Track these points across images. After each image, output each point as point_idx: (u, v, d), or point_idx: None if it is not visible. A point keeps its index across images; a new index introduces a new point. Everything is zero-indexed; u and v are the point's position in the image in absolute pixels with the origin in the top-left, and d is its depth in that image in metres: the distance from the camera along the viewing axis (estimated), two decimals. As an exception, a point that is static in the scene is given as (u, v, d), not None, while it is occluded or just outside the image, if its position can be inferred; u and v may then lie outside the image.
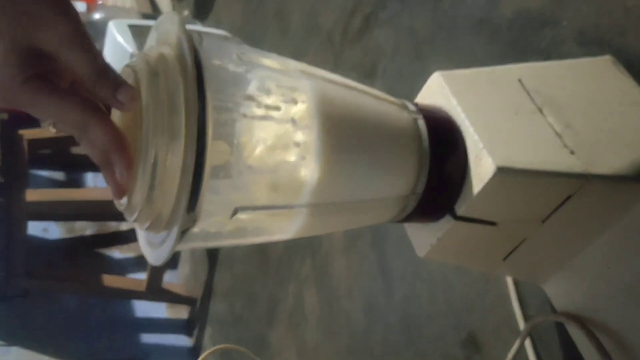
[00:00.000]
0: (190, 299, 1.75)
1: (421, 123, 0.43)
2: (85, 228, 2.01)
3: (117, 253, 1.97)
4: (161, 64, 0.35)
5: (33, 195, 1.54)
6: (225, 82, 0.36)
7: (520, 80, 0.46)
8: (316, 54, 1.09)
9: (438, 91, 0.45)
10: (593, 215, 0.45)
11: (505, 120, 0.43)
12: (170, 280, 1.84)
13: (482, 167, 0.40)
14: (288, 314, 1.14)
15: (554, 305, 0.53)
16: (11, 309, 1.66)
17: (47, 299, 1.74)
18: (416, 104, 0.45)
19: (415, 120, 0.43)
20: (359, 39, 0.95)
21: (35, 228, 1.83)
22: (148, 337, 1.80)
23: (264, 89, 0.36)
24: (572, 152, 0.42)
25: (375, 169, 0.41)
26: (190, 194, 0.33)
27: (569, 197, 0.42)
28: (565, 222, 0.45)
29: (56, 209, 1.69)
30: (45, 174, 2.07)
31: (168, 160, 0.34)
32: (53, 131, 0.39)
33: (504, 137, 0.42)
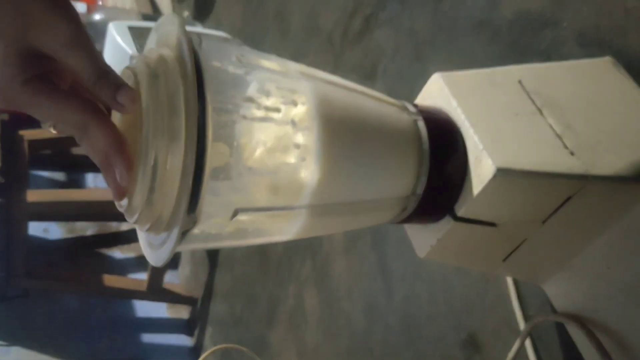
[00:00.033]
0: (191, 299, 1.75)
1: (421, 124, 0.43)
2: (86, 228, 2.01)
3: (118, 253, 1.97)
4: (161, 66, 0.35)
5: (34, 195, 1.54)
6: (225, 83, 0.36)
7: (520, 82, 0.46)
8: (316, 55, 1.09)
9: (438, 92, 0.45)
10: (593, 216, 0.45)
11: (505, 122, 0.43)
12: (171, 280, 1.84)
13: (482, 168, 0.40)
14: (288, 314, 1.15)
15: (554, 305, 0.53)
16: (12, 309, 1.66)
17: (48, 299, 1.74)
18: (416, 105, 0.45)
19: (415, 122, 0.43)
20: (359, 40, 0.95)
21: (36, 228, 1.84)
22: (149, 337, 1.80)
23: (263, 91, 0.37)
24: (572, 153, 0.42)
25: (375, 170, 0.41)
26: (190, 196, 0.33)
27: (569, 198, 0.42)
28: (565, 223, 0.45)
29: (57, 209, 1.70)
30: (45, 174, 2.07)
31: (168, 162, 0.34)
32: (54, 132, 0.39)
33: (504, 139, 0.42)
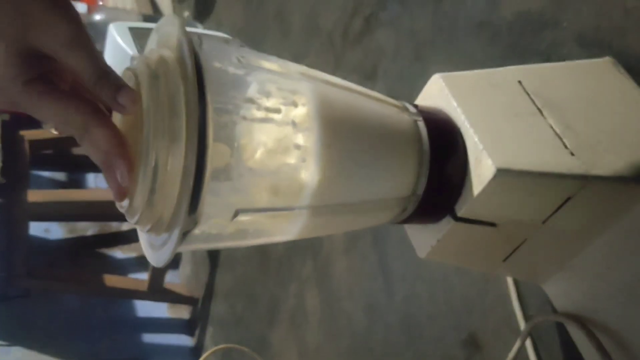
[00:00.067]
0: (191, 299, 1.76)
1: (421, 125, 0.43)
2: (86, 228, 2.01)
3: (119, 253, 1.97)
4: (162, 67, 0.35)
5: (34, 195, 1.54)
6: (225, 84, 0.36)
7: (520, 82, 0.46)
8: (317, 56, 1.09)
9: (438, 93, 0.45)
10: (593, 216, 0.45)
11: (505, 122, 0.43)
12: (172, 280, 1.84)
13: (482, 168, 0.40)
14: (289, 314, 1.15)
15: (554, 305, 0.53)
16: (12, 309, 1.66)
17: (49, 299, 1.74)
18: (416, 106, 0.45)
19: (416, 122, 0.43)
20: (360, 40, 0.95)
21: (36, 228, 1.84)
22: (150, 337, 1.80)
23: (264, 92, 0.37)
24: (572, 154, 0.42)
25: (376, 171, 0.41)
26: (191, 197, 0.33)
27: (569, 198, 0.42)
28: (565, 223, 0.45)
29: (58, 209, 1.70)
30: (46, 174, 2.07)
31: (169, 163, 0.34)
32: (55, 133, 0.39)
33: (504, 139, 0.42)
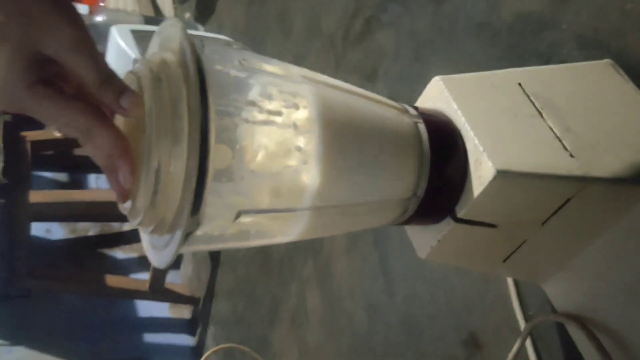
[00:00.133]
0: (192, 298, 1.76)
1: (422, 127, 0.43)
2: (88, 229, 2.01)
3: (120, 253, 1.97)
4: (164, 70, 0.36)
5: (36, 196, 1.54)
6: (227, 87, 0.36)
7: (520, 84, 0.46)
8: (318, 57, 1.09)
9: (438, 95, 0.45)
10: (593, 217, 0.45)
11: (505, 124, 0.43)
12: (173, 280, 1.84)
13: (482, 170, 0.41)
14: (290, 314, 1.15)
15: (554, 306, 0.53)
16: (14, 309, 1.66)
17: (50, 299, 1.74)
18: (417, 108, 0.45)
19: (416, 124, 0.43)
20: (361, 41, 0.95)
21: (38, 229, 1.84)
22: (151, 337, 1.80)
23: (265, 95, 0.37)
24: (572, 155, 0.42)
25: (377, 173, 0.41)
26: (193, 198, 0.33)
27: (569, 200, 0.43)
28: (565, 224, 0.45)
29: (59, 210, 1.70)
30: (48, 175, 2.07)
31: (171, 165, 0.34)
32: (58, 135, 0.39)
33: (504, 141, 0.42)
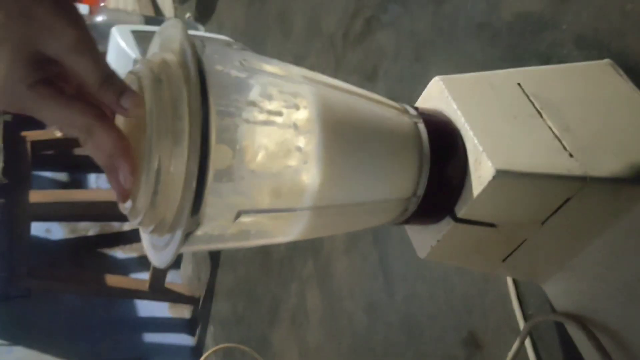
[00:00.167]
0: (192, 298, 1.76)
1: (421, 127, 0.43)
2: (88, 228, 2.01)
3: (120, 253, 1.97)
4: (164, 70, 0.36)
5: (36, 196, 1.54)
6: (227, 87, 0.36)
7: (519, 84, 0.46)
8: (318, 57, 1.10)
9: (438, 95, 0.45)
10: (592, 217, 0.46)
11: (504, 124, 0.43)
12: (173, 280, 1.85)
13: (482, 170, 0.41)
14: (290, 314, 1.15)
15: (554, 305, 0.53)
16: (14, 309, 1.66)
17: (50, 299, 1.74)
18: (416, 108, 0.45)
19: (416, 124, 0.43)
20: (361, 41, 0.96)
21: (38, 229, 1.84)
22: (151, 337, 1.80)
23: (266, 95, 0.37)
24: (571, 155, 0.42)
25: (377, 172, 0.42)
26: (193, 198, 0.33)
27: (568, 200, 0.43)
28: (564, 224, 0.45)
29: (59, 210, 1.70)
30: (48, 175, 2.07)
31: (172, 165, 0.34)
32: (59, 134, 0.39)
33: (504, 141, 0.42)
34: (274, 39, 1.29)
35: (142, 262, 1.89)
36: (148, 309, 1.83)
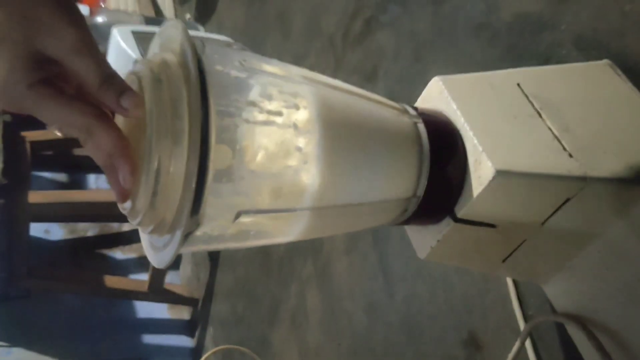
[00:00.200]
0: (192, 299, 1.76)
1: (421, 127, 0.43)
2: (87, 229, 2.01)
3: (119, 254, 1.97)
4: (164, 71, 0.36)
5: (35, 196, 1.54)
6: (227, 87, 0.36)
7: (519, 85, 0.46)
8: (318, 57, 1.10)
9: (438, 96, 0.45)
10: (592, 217, 0.46)
11: (504, 124, 0.43)
12: (172, 281, 1.85)
13: (481, 170, 0.41)
14: (290, 314, 1.15)
15: (554, 306, 0.53)
16: (13, 309, 1.66)
17: (50, 299, 1.74)
18: (416, 108, 0.45)
19: (416, 125, 0.43)
20: (360, 42, 0.96)
21: (37, 229, 1.84)
22: (150, 338, 1.80)
23: (265, 95, 0.37)
24: (571, 155, 0.42)
25: (376, 173, 0.42)
26: (193, 198, 0.33)
27: (568, 200, 0.43)
28: (564, 225, 0.45)
29: (58, 210, 1.70)
30: (47, 175, 2.07)
31: (171, 165, 0.34)
32: (59, 135, 0.39)
33: (503, 141, 0.42)
34: (273, 39, 1.29)
35: (142, 263, 1.89)
36: (147, 310, 1.83)
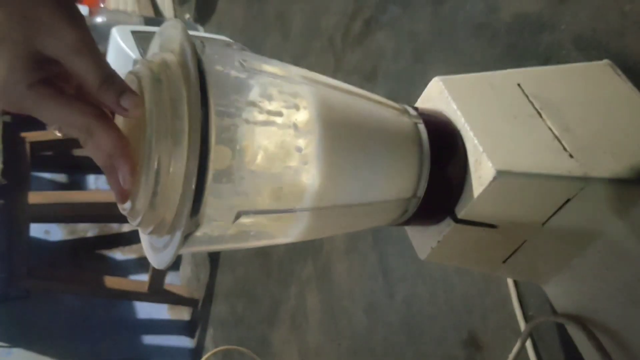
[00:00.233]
0: (192, 300, 1.76)
1: (421, 127, 0.43)
2: (87, 230, 2.01)
3: (119, 254, 1.97)
4: (164, 71, 0.36)
5: (35, 197, 1.54)
6: (227, 88, 0.36)
7: (519, 85, 0.46)
8: (317, 57, 1.10)
9: (438, 96, 0.45)
10: (592, 218, 0.46)
11: (504, 124, 0.43)
12: (172, 281, 1.85)
13: (482, 170, 0.41)
14: (290, 315, 1.15)
15: (554, 306, 0.53)
16: (13, 310, 1.66)
17: (49, 300, 1.74)
18: (416, 109, 0.45)
19: (416, 125, 0.43)
20: (360, 42, 0.96)
21: (37, 230, 1.84)
22: (150, 339, 1.80)
23: (265, 95, 0.37)
24: (571, 156, 0.42)
25: (377, 173, 0.41)
26: (193, 199, 0.33)
27: (569, 200, 0.43)
28: (565, 225, 0.45)
29: (58, 211, 1.70)
30: (47, 176, 2.07)
31: (171, 166, 0.34)
32: (59, 135, 0.39)
33: (504, 141, 0.42)
34: (273, 39, 1.29)
35: (142, 264, 1.89)
36: (147, 310, 1.83)
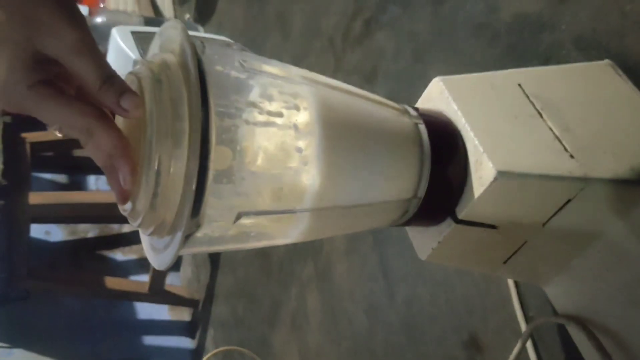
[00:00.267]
0: (192, 301, 1.76)
1: (422, 128, 0.43)
2: (87, 230, 2.01)
3: (120, 255, 1.97)
4: (164, 71, 0.36)
5: (35, 198, 1.54)
6: (227, 88, 0.36)
7: (520, 85, 0.46)
8: (317, 57, 1.10)
9: (438, 96, 0.45)
10: (593, 218, 0.45)
11: (505, 125, 0.43)
12: (173, 282, 1.85)
13: (482, 171, 0.41)
14: (290, 316, 1.15)
15: (555, 306, 0.53)
16: (14, 311, 1.66)
17: (50, 301, 1.74)
18: (417, 109, 0.45)
19: (416, 125, 0.43)
20: (360, 42, 0.96)
21: (37, 231, 1.84)
22: (151, 339, 1.80)
23: (266, 96, 0.37)
24: (572, 156, 0.42)
25: (377, 174, 0.41)
26: (193, 199, 0.33)
27: (569, 201, 0.43)
28: (565, 225, 0.45)
29: (58, 211, 1.70)
30: (47, 176, 2.07)
31: (172, 166, 0.34)
32: (59, 135, 0.39)
33: (504, 142, 0.42)
34: (273, 39, 1.29)
35: (142, 264, 1.89)
36: (148, 311, 1.83)
